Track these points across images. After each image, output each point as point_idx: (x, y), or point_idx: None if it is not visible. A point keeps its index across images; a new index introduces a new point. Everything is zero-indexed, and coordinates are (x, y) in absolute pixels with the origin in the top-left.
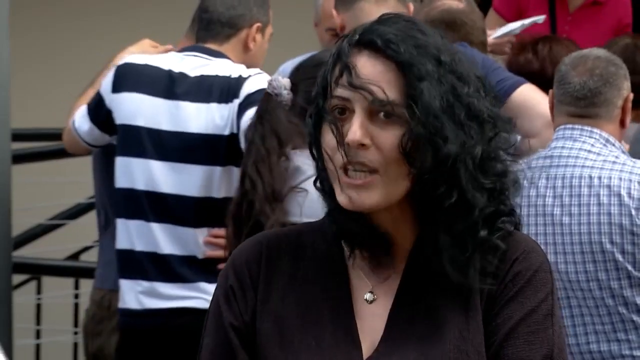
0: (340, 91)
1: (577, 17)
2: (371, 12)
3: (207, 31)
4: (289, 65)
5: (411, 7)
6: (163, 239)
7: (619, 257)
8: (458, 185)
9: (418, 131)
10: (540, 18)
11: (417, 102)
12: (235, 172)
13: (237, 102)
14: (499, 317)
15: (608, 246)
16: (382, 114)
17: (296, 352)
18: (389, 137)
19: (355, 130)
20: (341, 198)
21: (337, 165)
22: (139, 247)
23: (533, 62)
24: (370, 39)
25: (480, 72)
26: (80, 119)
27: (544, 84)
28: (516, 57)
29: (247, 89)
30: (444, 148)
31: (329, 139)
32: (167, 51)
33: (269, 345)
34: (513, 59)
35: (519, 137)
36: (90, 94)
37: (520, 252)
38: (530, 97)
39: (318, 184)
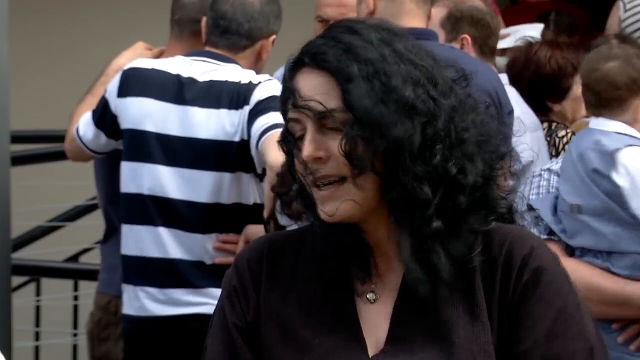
0: (290, 114)
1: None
2: (410, 10)
3: (222, 39)
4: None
5: (432, 12)
6: (171, 244)
7: None
8: (398, 179)
9: (354, 132)
10: (537, 29)
11: (350, 103)
12: (245, 178)
13: (247, 108)
14: (529, 319)
15: None
16: (332, 124)
17: (299, 351)
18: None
19: (307, 146)
20: (321, 214)
21: (308, 183)
22: (145, 252)
23: (519, 61)
24: (300, 58)
25: (426, 62)
26: (85, 127)
27: (523, 85)
28: (514, 54)
29: (257, 95)
30: (383, 141)
31: (296, 160)
32: (160, 53)
33: (272, 345)
34: (511, 56)
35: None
36: (89, 102)
37: (529, 249)
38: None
39: (300, 201)
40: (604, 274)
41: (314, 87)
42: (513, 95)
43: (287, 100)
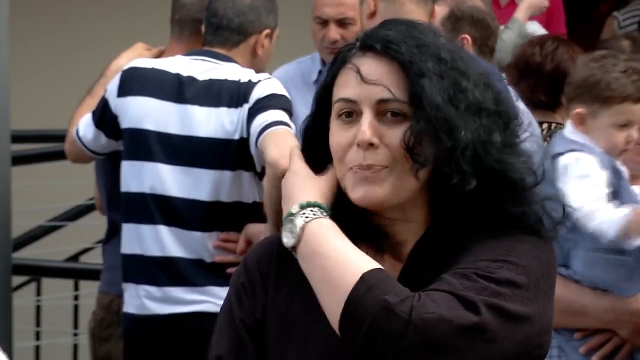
0: (345, 92)
1: (507, 12)
2: (411, 10)
3: (215, 36)
4: (282, 70)
5: (436, 10)
6: (171, 242)
7: None
8: (479, 172)
9: (420, 127)
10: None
11: (420, 98)
12: (245, 176)
13: (247, 106)
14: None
15: None
16: (389, 113)
17: (304, 349)
18: (397, 134)
19: (364, 130)
20: (354, 195)
21: (349, 165)
22: (146, 251)
23: (536, 55)
24: (371, 44)
25: (482, 70)
26: (85, 128)
27: (540, 77)
28: (525, 48)
29: (257, 93)
30: (453, 138)
31: (337, 140)
32: (160, 53)
33: (277, 342)
34: (521, 49)
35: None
36: (88, 103)
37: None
38: None
39: None
40: (564, 284)
41: (383, 73)
42: (512, 95)
43: (343, 80)
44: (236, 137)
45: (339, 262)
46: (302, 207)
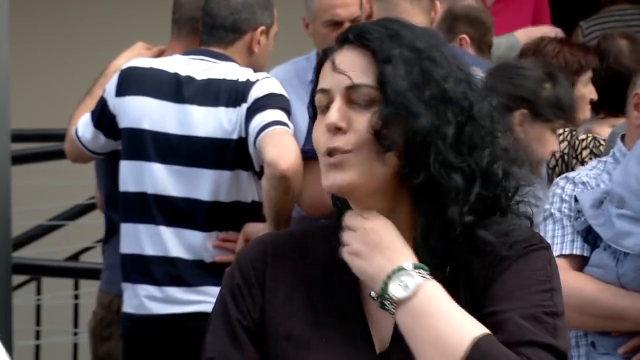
0: (321, 83)
1: (495, 10)
2: (405, 9)
3: (211, 35)
4: (278, 70)
5: (437, 5)
6: (171, 242)
7: None
8: (426, 164)
9: (386, 110)
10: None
11: (385, 82)
12: (244, 176)
13: (245, 106)
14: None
15: None
16: (360, 100)
17: (307, 349)
18: (365, 119)
19: (332, 113)
20: (324, 183)
21: (321, 152)
22: (145, 251)
23: (528, 53)
24: (346, 35)
25: (466, 68)
26: (84, 127)
27: None
28: (523, 48)
29: (255, 93)
30: (412, 125)
31: (315, 133)
32: (160, 52)
33: (278, 342)
34: (521, 49)
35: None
36: (87, 103)
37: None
38: None
39: None
40: (600, 288)
41: (351, 62)
42: None
43: (321, 72)
44: (235, 136)
45: (450, 325)
46: (415, 267)
